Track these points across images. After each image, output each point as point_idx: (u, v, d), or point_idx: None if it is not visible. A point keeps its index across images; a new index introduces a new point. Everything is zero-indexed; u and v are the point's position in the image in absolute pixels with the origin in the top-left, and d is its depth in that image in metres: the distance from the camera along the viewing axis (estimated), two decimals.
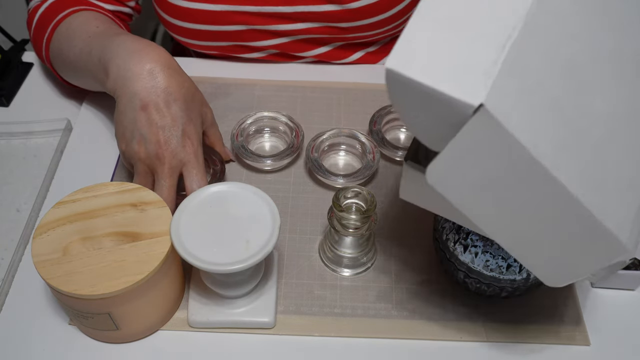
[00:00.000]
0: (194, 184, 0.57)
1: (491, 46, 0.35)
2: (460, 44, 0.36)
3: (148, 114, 0.56)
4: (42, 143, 0.71)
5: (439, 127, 0.37)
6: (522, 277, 0.52)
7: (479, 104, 0.34)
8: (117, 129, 0.59)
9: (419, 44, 0.36)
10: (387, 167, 0.69)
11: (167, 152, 0.56)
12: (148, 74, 0.57)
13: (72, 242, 0.50)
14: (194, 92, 0.60)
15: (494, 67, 0.35)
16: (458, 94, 0.34)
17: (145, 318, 0.53)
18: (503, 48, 0.35)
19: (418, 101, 0.36)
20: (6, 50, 0.80)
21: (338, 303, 0.58)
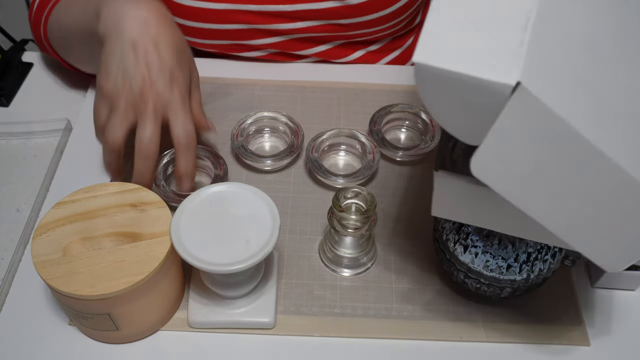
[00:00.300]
0: (179, 129, 0.55)
1: (512, 29, 0.35)
2: (482, 31, 0.36)
3: (137, 53, 0.54)
4: (42, 143, 0.71)
5: (475, 117, 0.36)
6: (522, 277, 0.52)
7: (515, 82, 0.33)
8: (100, 67, 0.56)
9: (442, 36, 0.36)
10: (387, 167, 0.69)
11: (153, 91, 0.54)
12: (141, 20, 0.55)
13: (72, 242, 0.50)
14: (185, 47, 0.59)
15: (520, 48, 0.35)
16: (493, 76, 0.34)
17: (145, 318, 0.53)
18: (525, 30, 0.35)
19: (451, 93, 0.36)
20: (6, 50, 0.80)
21: (338, 303, 0.58)
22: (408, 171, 0.69)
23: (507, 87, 0.34)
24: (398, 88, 0.78)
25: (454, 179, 0.43)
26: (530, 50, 0.35)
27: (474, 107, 0.36)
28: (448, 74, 0.35)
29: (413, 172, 0.69)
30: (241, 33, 0.76)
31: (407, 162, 0.70)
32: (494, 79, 0.34)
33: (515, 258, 0.52)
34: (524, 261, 0.52)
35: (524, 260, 0.52)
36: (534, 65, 0.35)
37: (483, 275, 0.53)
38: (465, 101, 0.36)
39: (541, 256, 0.52)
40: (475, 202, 0.43)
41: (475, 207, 0.44)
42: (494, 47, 0.35)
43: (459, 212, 0.46)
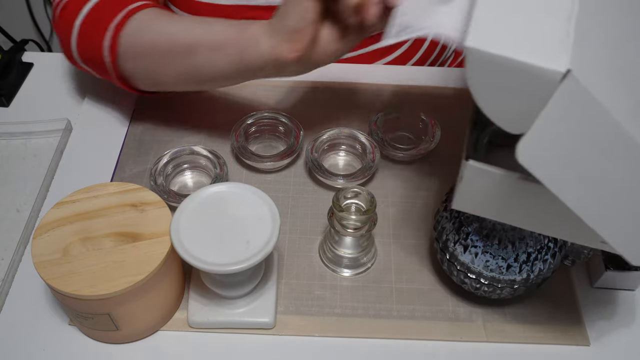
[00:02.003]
0: None
1: (559, 20, 0.36)
2: (529, 21, 0.37)
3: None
4: (42, 143, 0.71)
5: (521, 104, 0.37)
6: (522, 277, 0.52)
7: (566, 70, 0.34)
8: None
9: (492, 23, 0.37)
10: (387, 167, 0.69)
11: None
12: None
13: (72, 242, 0.50)
14: None
15: (567, 38, 0.35)
16: (544, 63, 0.34)
17: (145, 318, 0.53)
18: (569, 21, 0.36)
19: (501, 79, 0.36)
20: (6, 50, 0.80)
21: (338, 303, 0.58)
22: (408, 171, 0.69)
23: (558, 74, 0.34)
24: (398, 88, 0.78)
25: (485, 169, 0.43)
26: (576, 40, 0.35)
27: (521, 94, 0.36)
28: (500, 60, 0.35)
29: (413, 172, 0.69)
30: None
31: (407, 162, 0.70)
32: (545, 65, 0.34)
33: (515, 258, 0.52)
34: (524, 261, 0.52)
35: (524, 260, 0.52)
36: (579, 55, 0.35)
37: (483, 275, 0.53)
38: (514, 88, 0.36)
39: (541, 256, 0.52)
40: (503, 195, 0.43)
41: (501, 201, 0.44)
42: (542, 36, 0.36)
43: (483, 205, 0.46)
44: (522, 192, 0.43)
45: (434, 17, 0.46)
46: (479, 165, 0.43)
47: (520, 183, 0.42)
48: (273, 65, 0.55)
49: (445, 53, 0.91)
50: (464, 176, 0.44)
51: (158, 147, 0.70)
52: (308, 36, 0.52)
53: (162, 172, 0.64)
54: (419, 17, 0.47)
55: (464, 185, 0.45)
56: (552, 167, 0.38)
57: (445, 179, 0.68)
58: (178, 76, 0.62)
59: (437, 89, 0.79)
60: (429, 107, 0.75)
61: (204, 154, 0.66)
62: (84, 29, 0.64)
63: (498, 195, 0.43)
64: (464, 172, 0.44)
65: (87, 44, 0.64)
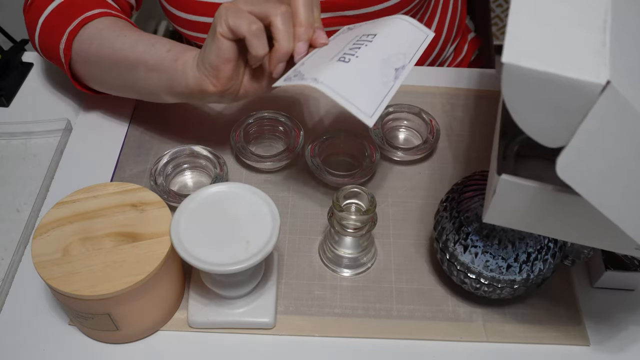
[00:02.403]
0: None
1: (592, 30, 0.36)
2: (563, 33, 0.36)
3: None
4: (42, 143, 0.71)
5: (559, 118, 0.36)
6: (522, 277, 0.52)
7: (605, 81, 0.33)
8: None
9: (527, 38, 0.36)
10: (387, 167, 0.69)
11: None
12: None
13: (72, 242, 0.50)
14: None
15: (604, 49, 0.35)
16: (583, 76, 0.34)
17: (145, 318, 0.53)
18: (604, 30, 0.36)
19: (538, 94, 0.36)
20: (6, 50, 0.80)
21: (338, 303, 0.58)
22: (408, 171, 0.69)
23: (597, 87, 0.34)
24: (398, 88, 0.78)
25: (519, 183, 0.42)
26: (612, 51, 0.35)
27: (559, 108, 0.36)
28: (537, 74, 0.35)
29: (413, 172, 0.69)
30: None
31: (407, 162, 0.70)
32: (584, 78, 0.34)
33: (515, 258, 0.52)
34: (524, 261, 0.52)
35: (524, 260, 0.52)
36: (617, 65, 0.35)
37: (483, 275, 0.53)
38: (551, 101, 0.36)
39: (541, 256, 0.52)
40: (538, 207, 0.42)
41: (535, 213, 0.44)
42: (579, 48, 0.35)
43: (517, 218, 0.45)
44: (557, 204, 0.42)
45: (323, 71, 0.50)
46: (513, 179, 0.42)
47: (555, 195, 0.42)
48: (198, 94, 0.57)
49: (445, 53, 0.91)
50: (497, 190, 0.43)
51: (158, 147, 0.70)
52: (227, 73, 0.54)
53: (162, 172, 0.64)
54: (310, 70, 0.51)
55: (497, 199, 0.44)
56: (593, 180, 0.38)
57: (445, 179, 0.68)
58: (122, 87, 0.66)
59: (437, 88, 0.79)
60: (429, 107, 0.75)
61: (204, 154, 0.66)
62: (43, 29, 0.68)
63: (532, 208, 0.42)
64: (497, 187, 0.43)
65: (46, 43, 0.68)
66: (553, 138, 0.37)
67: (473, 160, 0.71)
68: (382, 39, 0.55)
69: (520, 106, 0.37)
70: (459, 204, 0.54)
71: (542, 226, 0.46)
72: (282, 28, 0.52)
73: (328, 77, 0.49)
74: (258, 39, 0.51)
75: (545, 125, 0.37)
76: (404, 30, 0.58)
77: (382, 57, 0.54)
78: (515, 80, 0.36)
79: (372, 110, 0.49)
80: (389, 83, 0.52)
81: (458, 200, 0.54)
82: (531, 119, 0.38)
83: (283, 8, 0.52)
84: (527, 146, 0.51)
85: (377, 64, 0.53)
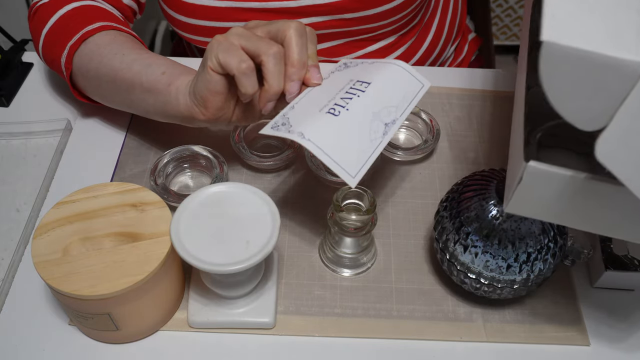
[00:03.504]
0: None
1: (631, 11, 0.35)
2: (602, 13, 0.36)
3: None
4: (42, 143, 0.71)
5: (598, 100, 0.35)
6: (522, 277, 0.52)
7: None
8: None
9: (565, 17, 0.36)
10: (387, 167, 0.69)
11: None
12: None
13: (72, 242, 0.50)
14: None
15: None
16: (625, 54, 0.33)
17: (145, 318, 0.53)
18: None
19: (578, 74, 0.35)
20: (6, 50, 0.80)
21: (338, 303, 0.58)
22: (408, 171, 0.69)
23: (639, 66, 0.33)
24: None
25: (550, 170, 0.40)
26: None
27: (599, 88, 0.35)
28: (578, 53, 0.34)
29: (413, 172, 0.69)
30: None
31: (407, 162, 0.70)
32: (627, 57, 0.33)
33: (515, 258, 0.52)
34: (524, 261, 0.52)
35: (524, 260, 0.52)
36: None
37: (483, 275, 0.53)
38: (591, 82, 0.35)
39: (541, 256, 0.52)
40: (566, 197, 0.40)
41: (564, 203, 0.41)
42: (619, 28, 0.35)
43: (542, 208, 0.43)
44: (589, 193, 0.40)
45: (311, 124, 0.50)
46: (542, 167, 0.40)
47: (588, 184, 0.39)
48: (188, 120, 0.58)
49: (445, 53, 0.91)
50: (523, 178, 0.41)
51: (158, 147, 0.70)
52: (216, 104, 0.55)
53: (162, 172, 0.64)
54: (298, 120, 0.51)
55: (522, 188, 0.42)
56: (630, 164, 0.36)
57: (445, 179, 0.68)
58: (120, 103, 0.67)
59: (437, 89, 0.79)
60: (429, 107, 0.75)
61: (204, 154, 0.66)
62: (46, 42, 0.69)
63: (561, 197, 0.40)
64: (523, 174, 0.41)
65: (49, 55, 0.69)
66: (591, 121, 0.36)
67: (473, 160, 0.71)
68: (375, 89, 0.54)
69: (558, 87, 0.36)
70: (459, 204, 0.54)
71: (569, 217, 0.43)
72: (273, 69, 0.51)
73: (315, 133, 0.49)
74: (247, 77, 0.51)
75: (584, 107, 0.36)
76: (400, 79, 0.57)
77: (373, 110, 0.53)
78: (554, 59, 0.35)
79: (356, 170, 0.49)
80: (377, 140, 0.52)
81: (458, 200, 0.54)
82: (569, 100, 0.36)
83: (275, 48, 0.51)
84: (550, 136, 0.49)
85: (368, 117, 0.52)
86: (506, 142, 0.73)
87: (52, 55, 0.68)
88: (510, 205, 0.44)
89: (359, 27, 0.76)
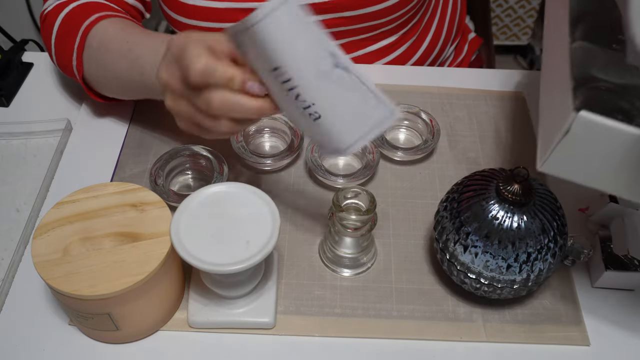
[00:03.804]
0: None
1: None
2: None
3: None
4: (42, 143, 0.71)
5: None
6: (522, 277, 0.52)
7: None
8: None
9: None
10: (387, 167, 0.69)
11: None
12: None
13: (72, 242, 0.50)
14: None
15: None
16: None
17: (145, 318, 0.53)
18: None
19: None
20: (6, 50, 0.80)
21: (338, 303, 0.58)
22: (408, 171, 0.69)
23: None
24: (398, 88, 0.78)
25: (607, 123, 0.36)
26: None
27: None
28: None
29: (413, 172, 0.69)
30: None
31: (407, 162, 0.70)
32: None
33: (515, 258, 0.52)
34: (524, 261, 0.52)
35: (524, 260, 0.52)
36: None
37: (483, 275, 0.53)
38: None
39: (541, 256, 0.52)
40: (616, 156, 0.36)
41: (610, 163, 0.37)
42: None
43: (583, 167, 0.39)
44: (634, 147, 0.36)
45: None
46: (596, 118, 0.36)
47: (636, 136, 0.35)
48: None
49: (445, 52, 0.91)
50: (572, 130, 0.36)
51: (158, 147, 0.70)
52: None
53: (162, 172, 0.64)
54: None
55: (567, 142, 0.37)
56: None
57: (445, 179, 0.68)
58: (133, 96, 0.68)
59: (437, 88, 0.79)
60: (429, 107, 0.75)
61: (203, 154, 0.66)
62: (57, 47, 0.69)
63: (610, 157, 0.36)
64: (572, 126, 0.36)
65: (61, 62, 0.69)
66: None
67: (473, 160, 0.71)
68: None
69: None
70: (459, 204, 0.54)
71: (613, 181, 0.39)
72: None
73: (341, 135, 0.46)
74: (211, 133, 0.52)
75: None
76: None
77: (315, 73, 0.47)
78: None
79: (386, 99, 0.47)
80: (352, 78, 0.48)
81: (458, 200, 0.54)
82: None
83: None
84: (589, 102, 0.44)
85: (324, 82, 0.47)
86: (506, 142, 0.73)
87: (64, 63, 0.69)
88: (548, 163, 0.39)
89: (358, 25, 0.76)
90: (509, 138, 0.73)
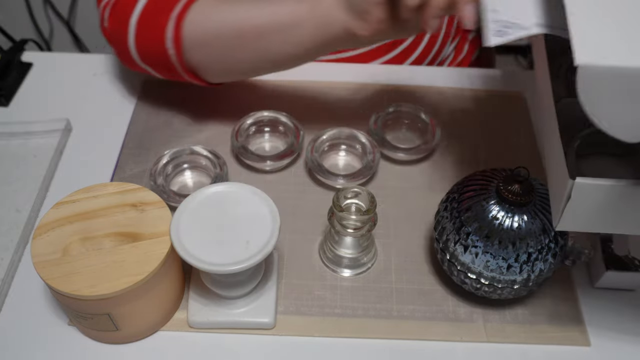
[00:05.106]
0: None
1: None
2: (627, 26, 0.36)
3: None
4: (42, 143, 0.71)
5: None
6: (523, 277, 0.52)
7: None
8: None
9: (592, 36, 0.36)
10: (387, 167, 0.69)
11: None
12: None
13: (71, 242, 0.50)
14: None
15: None
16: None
17: (145, 318, 0.53)
18: None
19: (617, 89, 0.35)
20: (6, 50, 0.80)
21: (338, 303, 0.58)
22: (408, 171, 0.69)
23: None
24: (398, 88, 0.78)
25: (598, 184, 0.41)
26: None
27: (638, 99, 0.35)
28: (615, 70, 0.35)
29: (413, 172, 0.69)
30: None
31: (407, 162, 0.70)
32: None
33: (515, 258, 0.52)
34: (525, 261, 0.52)
35: (525, 260, 0.52)
36: None
37: (483, 276, 0.53)
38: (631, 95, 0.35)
39: (542, 256, 0.52)
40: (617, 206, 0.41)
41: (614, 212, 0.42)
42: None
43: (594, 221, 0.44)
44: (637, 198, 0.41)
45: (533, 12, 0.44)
46: (590, 181, 0.41)
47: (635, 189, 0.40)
48: (345, 40, 0.56)
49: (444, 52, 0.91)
50: (572, 196, 0.42)
51: (158, 147, 0.70)
52: (376, 16, 0.52)
53: (162, 172, 0.64)
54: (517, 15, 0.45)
55: (572, 205, 0.42)
56: None
57: (445, 179, 0.68)
58: (250, 62, 0.62)
59: (437, 88, 0.79)
60: (429, 107, 0.75)
61: (204, 154, 0.66)
62: (141, 24, 0.62)
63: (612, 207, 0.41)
64: (572, 192, 0.42)
65: (147, 39, 0.62)
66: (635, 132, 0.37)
67: (473, 160, 0.71)
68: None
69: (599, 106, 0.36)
70: (459, 204, 0.54)
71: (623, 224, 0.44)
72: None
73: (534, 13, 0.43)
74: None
75: (627, 121, 0.37)
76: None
77: None
78: (592, 80, 0.35)
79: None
80: None
81: (458, 200, 0.54)
82: (611, 116, 0.37)
83: None
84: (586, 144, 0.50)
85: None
86: (506, 142, 0.73)
87: (152, 37, 0.61)
88: (561, 224, 0.44)
89: None
90: (509, 138, 0.73)
